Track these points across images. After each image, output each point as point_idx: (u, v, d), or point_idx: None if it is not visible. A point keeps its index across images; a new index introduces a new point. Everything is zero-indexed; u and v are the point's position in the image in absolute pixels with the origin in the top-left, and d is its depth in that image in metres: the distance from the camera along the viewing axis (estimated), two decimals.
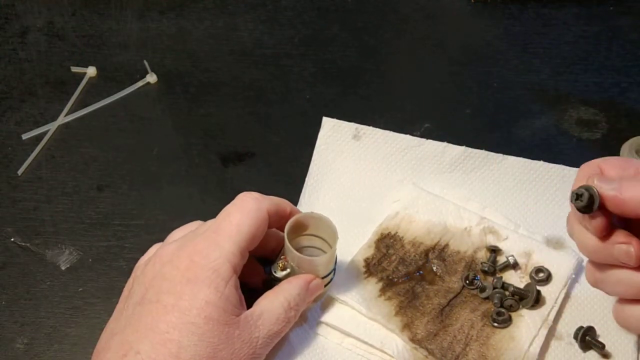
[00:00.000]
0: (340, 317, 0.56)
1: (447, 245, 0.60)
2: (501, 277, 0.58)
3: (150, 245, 0.56)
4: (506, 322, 0.55)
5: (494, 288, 0.57)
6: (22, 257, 0.61)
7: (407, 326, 0.55)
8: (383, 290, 0.57)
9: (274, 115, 0.71)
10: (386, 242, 0.60)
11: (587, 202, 0.47)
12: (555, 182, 0.64)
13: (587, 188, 0.47)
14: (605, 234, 0.48)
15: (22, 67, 0.75)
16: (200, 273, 0.49)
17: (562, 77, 0.74)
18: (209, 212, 0.58)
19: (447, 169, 0.66)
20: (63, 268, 0.61)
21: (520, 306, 0.56)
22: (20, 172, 0.67)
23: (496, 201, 0.64)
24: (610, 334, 0.55)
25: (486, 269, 0.58)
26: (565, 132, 0.69)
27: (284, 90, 0.73)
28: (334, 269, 0.56)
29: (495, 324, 0.55)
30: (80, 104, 0.72)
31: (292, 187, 0.65)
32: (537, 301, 0.56)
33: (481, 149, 0.66)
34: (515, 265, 0.59)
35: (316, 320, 0.56)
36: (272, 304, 0.52)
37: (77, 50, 0.77)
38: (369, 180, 0.65)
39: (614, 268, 0.49)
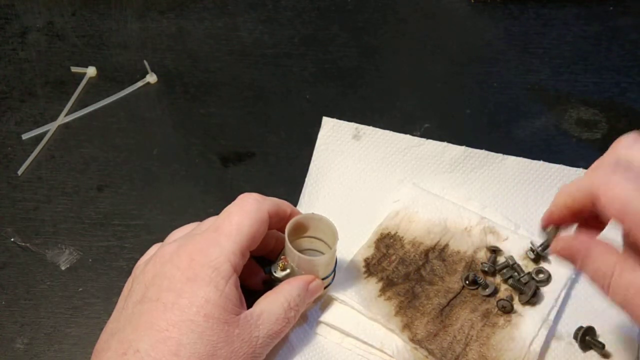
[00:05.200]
0: (340, 317, 0.56)
1: (447, 245, 0.60)
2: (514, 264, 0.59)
3: (150, 245, 0.56)
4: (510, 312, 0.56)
5: (506, 267, 0.58)
6: (22, 257, 0.61)
7: (407, 326, 0.55)
8: (383, 290, 0.57)
9: (274, 115, 0.71)
10: (386, 242, 0.60)
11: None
12: (555, 182, 0.64)
13: None
14: None
15: (22, 67, 0.75)
16: (201, 271, 0.49)
17: (562, 77, 0.74)
18: (209, 212, 0.59)
19: (447, 169, 0.66)
20: (63, 268, 0.61)
21: (518, 300, 0.57)
22: (20, 172, 0.67)
23: (496, 201, 0.64)
24: (610, 334, 0.55)
25: (486, 269, 0.58)
26: (565, 132, 0.69)
27: (284, 90, 0.73)
28: (334, 271, 0.56)
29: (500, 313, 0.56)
30: (80, 104, 0.72)
31: (292, 187, 0.65)
32: (535, 294, 0.56)
33: (481, 149, 0.66)
34: (515, 266, 0.59)
35: (316, 320, 0.56)
36: (272, 304, 0.52)
37: (77, 50, 0.77)
38: (369, 180, 0.65)
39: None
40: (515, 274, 0.58)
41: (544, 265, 0.59)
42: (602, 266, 0.46)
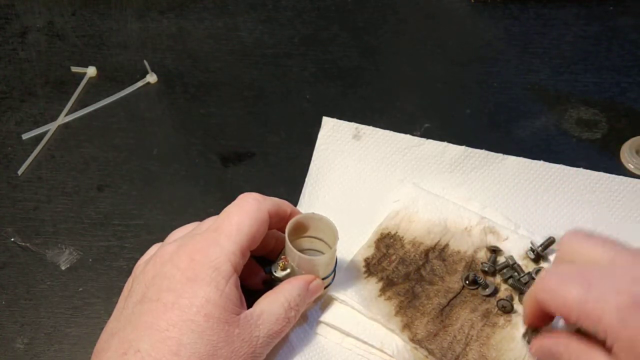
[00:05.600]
0: (340, 317, 0.56)
1: (447, 245, 0.60)
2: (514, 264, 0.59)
3: (150, 245, 0.56)
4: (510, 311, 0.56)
5: (506, 267, 0.58)
6: (22, 257, 0.61)
7: (407, 326, 0.55)
8: (383, 290, 0.57)
9: (274, 115, 0.71)
10: (386, 242, 0.60)
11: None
12: (555, 182, 0.64)
13: None
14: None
15: (22, 67, 0.75)
16: (201, 271, 0.49)
17: (562, 77, 0.74)
18: (209, 212, 0.58)
19: (447, 169, 0.66)
20: (63, 268, 0.61)
21: (518, 300, 0.57)
22: (20, 172, 0.67)
23: (496, 201, 0.64)
24: None
25: (486, 269, 0.58)
26: (565, 132, 0.69)
27: (284, 90, 0.73)
28: (334, 270, 0.56)
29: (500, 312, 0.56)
30: (80, 104, 0.72)
31: (292, 187, 0.65)
32: None
33: (481, 149, 0.66)
34: (515, 266, 0.59)
35: (316, 320, 0.56)
36: (272, 304, 0.52)
37: (77, 50, 0.77)
38: (369, 180, 0.65)
39: None
40: (515, 273, 0.58)
41: (544, 265, 0.59)
42: (571, 356, 0.48)
